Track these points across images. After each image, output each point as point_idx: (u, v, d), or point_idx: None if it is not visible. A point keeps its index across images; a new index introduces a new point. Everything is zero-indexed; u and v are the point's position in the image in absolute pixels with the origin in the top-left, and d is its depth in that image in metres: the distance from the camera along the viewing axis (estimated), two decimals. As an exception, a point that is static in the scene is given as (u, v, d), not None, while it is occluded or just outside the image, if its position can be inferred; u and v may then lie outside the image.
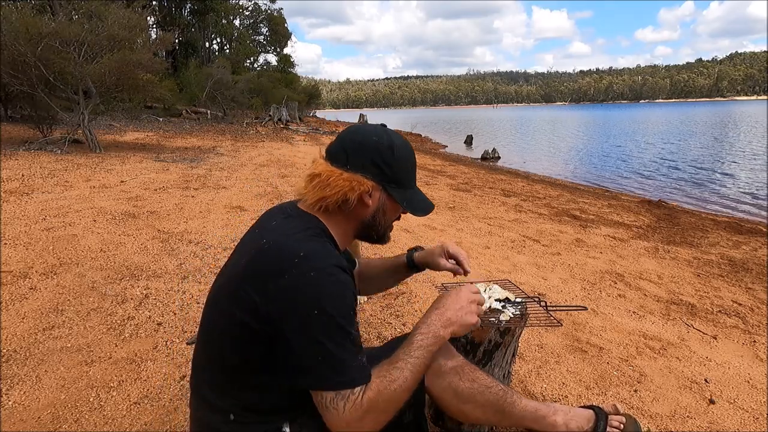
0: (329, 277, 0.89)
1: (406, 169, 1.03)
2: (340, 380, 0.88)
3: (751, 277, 3.67)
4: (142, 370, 1.85)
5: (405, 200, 1.03)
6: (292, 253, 0.90)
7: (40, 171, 5.81)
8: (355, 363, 0.90)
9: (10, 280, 2.55)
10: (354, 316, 0.92)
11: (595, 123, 42.68)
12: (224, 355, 0.96)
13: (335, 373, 0.88)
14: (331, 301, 0.87)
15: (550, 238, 4.45)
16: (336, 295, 0.89)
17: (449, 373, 1.11)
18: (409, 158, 1.05)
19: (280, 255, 0.91)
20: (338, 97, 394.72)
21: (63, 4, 9.81)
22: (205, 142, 11.55)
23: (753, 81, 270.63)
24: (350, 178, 0.97)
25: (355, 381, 0.89)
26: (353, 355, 0.90)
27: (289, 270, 0.88)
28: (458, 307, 1.02)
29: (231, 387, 0.97)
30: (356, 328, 0.92)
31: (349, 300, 0.91)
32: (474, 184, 8.15)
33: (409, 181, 1.04)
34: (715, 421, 1.80)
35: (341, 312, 0.88)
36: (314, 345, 0.87)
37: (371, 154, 0.99)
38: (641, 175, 11.72)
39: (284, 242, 0.94)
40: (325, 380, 0.88)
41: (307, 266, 0.88)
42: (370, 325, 2.36)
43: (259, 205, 4.76)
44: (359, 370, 0.90)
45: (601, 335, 2.45)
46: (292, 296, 0.87)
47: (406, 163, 1.03)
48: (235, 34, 32.87)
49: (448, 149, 18.75)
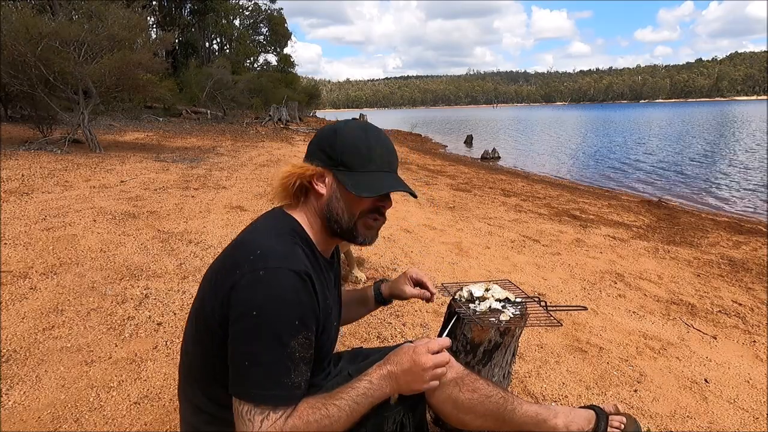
0: (278, 278, 0.83)
1: (353, 151, 0.96)
2: (262, 393, 0.82)
3: (751, 277, 3.67)
4: (142, 370, 1.85)
5: (351, 182, 0.95)
6: (250, 249, 0.88)
7: (40, 171, 5.81)
8: (285, 380, 0.83)
9: (10, 280, 2.55)
10: (300, 329, 0.85)
11: (595, 123, 42.67)
12: (198, 354, 0.95)
13: (258, 385, 0.82)
14: (272, 305, 0.82)
15: (550, 238, 4.45)
16: (280, 299, 0.83)
17: (449, 385, 1.08)
18: (357, 140, 0.97)
19: (239, 251, 0.91)
20: (338, 97, 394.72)
21: (63, 4, 9.80)
22: (205, 142, 11.55)
23: (753, 81, 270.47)
24: (302, 166, 0.97)
25: (278, 400, 0.83)
26: (285, 370, 0.83)
27: (242, 266, 0.85)
28: (410, 373, 0.95)
29: (207, 386, 0.96)
30: (301, 342, 0.85)
31: (294, 308, 0.84)
32: (474, 184, 8.15)
33: (361, 164, 0.96)
34: (715, 420, 1.80)
35: (282, 319, 0.82)
36: (245, 348, 0.82)
37: (319, 141, 0.98)
38: (641, 174, 11.71)
39: (248, 239, 0.93)
40: (247, 389, 0.82)
41: (260, 265, 0.84)
42: (370, 325, 2.36)
43: (259, 205, 4.76)
44: (287, 389, 0.83)
45: (601, 335, 2.45)
46: (237, 293, 0.84)
47: (353, 146, 0.96)
48: (235, 34, 32.86)
49: (448, 149, 18.75)
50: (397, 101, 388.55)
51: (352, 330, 2.29)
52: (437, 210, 5.49)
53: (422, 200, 6.01)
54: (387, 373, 0.94)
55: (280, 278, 0.84)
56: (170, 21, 27.17)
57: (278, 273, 0.84)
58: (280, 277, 0.84)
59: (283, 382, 0.83)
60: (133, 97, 12.73)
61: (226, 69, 22.11)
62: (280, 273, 0.84)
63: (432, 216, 5.09)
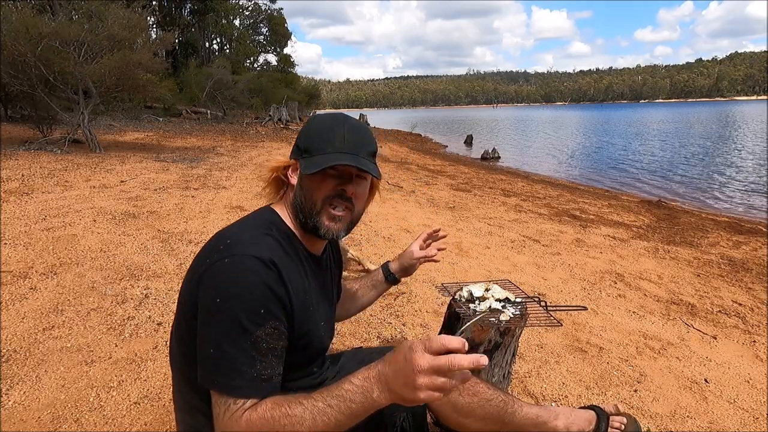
0: (241, 266, 0.82)
1: (314, 137, 0.95)
2: (222, 382, 0.79)
3: (751, 277, 3.67)
4: (142, 370, 1.85)
5: (305, 164, 0.93)
6: (222, 239, 0.89)
7: (40, 171, 5.81)
8: (249, 369, 0.80)
9: (10, 280, 2.55)
10: (266, 317, 0.82)
11: (595, 123, 42.67)
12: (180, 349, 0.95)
13: (219, 372, 0.80)
14: (234, 292, 0.80)
15: (550, 238, 4.45)
16: (242, 285, 0.81)
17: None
18: (321, 127, 0.96)
19: (213, 242, 0.92)
20: (338, 97, 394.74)
21: (63, 4, 9.80)
22: (205, 142, 11.55)
23: (753, 81, 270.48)
24: (276, 161, 1.00)
25: (238, 391, 0.79)
26: (250, 360, 0.80)
27: (212, 255, 0.86)
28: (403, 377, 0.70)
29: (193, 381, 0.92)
30: (269, 332, 0.82)
31: (258, 296, 0.81)
32: (474, 184, 8.15)
33: (320, 148, 0.93)
34: (715, 420, 1.80)
35: (245, 307, 0.80)
36: (209, 336, 0.81)
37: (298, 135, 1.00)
38: (641, 174, 11.71)
39: (224, 231, 0.94)
40: (209, 377, 0.81)
41: (227, 253, 0.84)
42: (370, 325, 2.36)
43: (259, 205, 4.74)
44: (250, 380, 0.80)
45: (601, 335, 2.45)
46: (203, 280, 0.84)
47: (315, 132, 0.95)
48: (235, 34, 32.86)
49: (448, 149, 18.76)
50: (397, 101, 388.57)
51: (352, 330, 2.29)
52: (437, 210, 5.49)
53: (422, 200, 6.01)
54: (376, 374, 0.74)
55: (245, 265, 0.83)
56: (170, 21, 27.18)
57: (243, 259, 0.83)
58: (245, 264, 0.83)
59: (245, 371, 0.80)
60: (133, 97, 12.72)
61: (226, 69, 22.12)
62: (245, 259, 0.83)
63: (432, 216, 5.09)
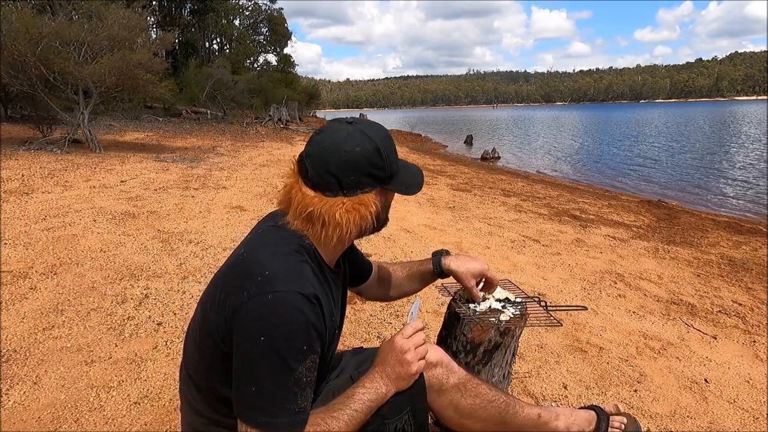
0: (287, 304, 0.81)
1: (394, 160, 0.97)
2: (268, 421, 0.81)
3: (751, 277, 3.67)
4: (142, 370, 1.85)
5: (400, 187, 0.98)
6: (257, 269, 0.85)
7: (40, 171, 5.81)
8: (292, 406, 0.82)
9: (10, 280, 2.55)
10: (308, 353, 0.84)
11: (595, 123, 42.67)
12: (197, 361, 0.96)
13: (264, 411, 0.81)
14: (281, 332, 0.80)
15: (550, 238, 4.45)
16: (289, 325, 0.81)
17: (451, 390, 1.08)
18: (392, 146, 0.98)
19: (247, 270, 0.87)
20: (338, 97, 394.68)
21: (63, 4, 9.81)
22: (205, 142, 11.55)
23: (753, 81, 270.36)
24: (356, 206, 0.90)
25: (283, 428, 0.82)
26: (292, 396, 0.82)
27: (250, 288, 0.83)
28: (396, 361, 0.97)
29: (207, 393, 0.96)
30: (308, 366, 0.84)
31: (303, 334, 0.82)
32: (474, 184, 8.15)
33: (398, 166, 0.99)
34: (715, 420, 1.80)
35: (290, 345, 0.81)
36: (252, 374, 0.82)
37: (364, 167, 0.90)
38: (641, 174, 11.71)
39: (255, 256, 0.89)
40: (252, 415, 0.82)
41: (268, 287, 0.82)
42: (370, 325, 2.36)
43: (259, 205, 4.76)
44: (293, 415, 0.83)
45: (601, 335, 2.45)
46: (244, 317, 0.82)
47: (393, 154, 0.97)
48: (235, 34, 32.85)
49: (448, 149, 18.76)
50: (397, 101, 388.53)
51: (352, 330, 2.29)
52: (437, 210, 5.49)
53: (422, 200, 6.01)
54: (376, 374, 0.97)
55: (289, 302, 0.82)
56: (170, 21, 27.16)
57: (287, 296, 0.82)
58: (289, 301, 0.82)
59: (289, 408, 0.82)
60: (133, 97, 12.73)
61: (226, 69, 22.11)
62: (288, 296, 0.82)
63: (432, 216, 5.09)
